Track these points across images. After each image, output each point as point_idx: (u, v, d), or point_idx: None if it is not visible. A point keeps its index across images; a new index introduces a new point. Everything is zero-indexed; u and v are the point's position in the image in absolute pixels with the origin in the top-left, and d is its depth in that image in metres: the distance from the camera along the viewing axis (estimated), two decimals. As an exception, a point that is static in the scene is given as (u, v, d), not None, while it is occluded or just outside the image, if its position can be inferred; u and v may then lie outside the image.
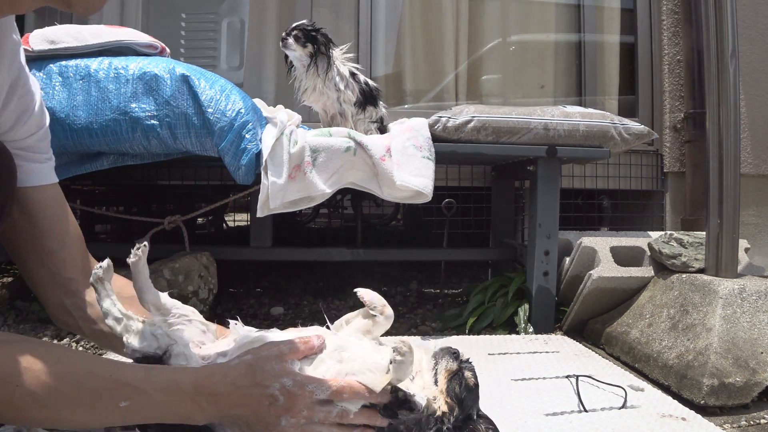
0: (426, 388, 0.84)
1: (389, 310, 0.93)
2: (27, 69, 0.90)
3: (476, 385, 0.84)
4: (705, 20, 1.53)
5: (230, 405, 0.74)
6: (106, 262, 0.84)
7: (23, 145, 0.90)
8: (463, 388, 0.82)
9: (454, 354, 0.87)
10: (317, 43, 1.61)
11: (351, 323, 0.94)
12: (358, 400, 0.77)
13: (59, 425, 0.72)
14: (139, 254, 0.84)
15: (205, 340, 0.89)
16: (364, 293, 0.92)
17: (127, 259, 0.84)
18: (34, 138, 0.91)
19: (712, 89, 1.50)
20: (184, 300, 1.59)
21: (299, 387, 0.75)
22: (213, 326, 0.92)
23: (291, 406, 0.74)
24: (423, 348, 0.90)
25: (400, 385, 0.81)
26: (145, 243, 0.85)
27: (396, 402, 0.79)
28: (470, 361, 0.88)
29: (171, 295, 0.94)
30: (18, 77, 0.87)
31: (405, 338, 0.79)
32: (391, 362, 0.77)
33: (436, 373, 0.86)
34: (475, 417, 0.83)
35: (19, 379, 0.65)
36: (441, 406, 0.81)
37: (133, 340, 0.84)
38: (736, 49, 1.48)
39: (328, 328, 0.92)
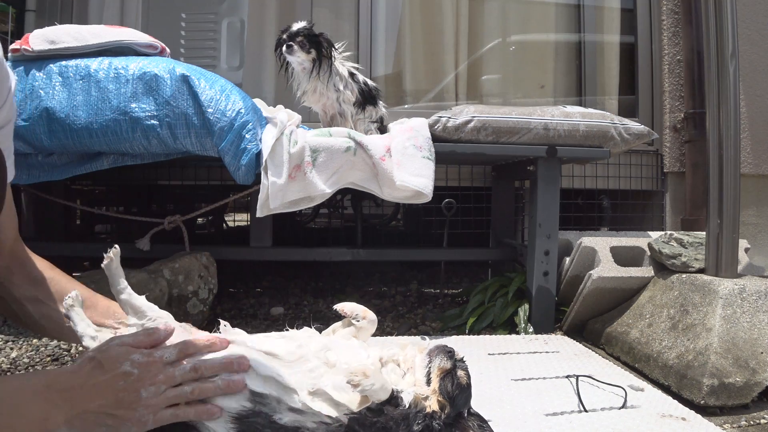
0: (417, 385, 0.84)
1: (371, 315, 0.95)
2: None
3: (468, 385, 0.84)
4: (705, 20, 1.53)
5: (87, 398, 0.73)
6: (74, 293, 0.86)
7: None
8: (455, 387, 0.82)
9: (449, 353, 0.87)
10: (321, 48, 1.62)
11: (337, 332, 0.95)
12: (208, 353, 0.80)
13: None
14: (111, 256, 0.85)
15: None
16: (343, 306, 0.95)
17: (102, 264, 0.86)
18: None
19: (712, 89, 1.50)
20: (184, 300, 1.59)
21: (148, 356, 0.77)
22: (192, 329, 0.91)
23: (145, 375, 0.75)
24: (418, 346, 0.90)
25: (391, 382, 0.81)
26: (116, 246, 0.86)
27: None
28: (464, 360, 0.88)
29: (171, 295, 0.94)
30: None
31: (364, 368, 0.78)
32: (354, 387, 0.76)
33: (429, 372, 0.86)
34: (465, 415, 0.83)
35: None
36: (432, 404, 0.81)
37: None
38: (736, 49, 1.48)
39: (319, 330, 0.93)
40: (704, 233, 1.56)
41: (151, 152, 1.50)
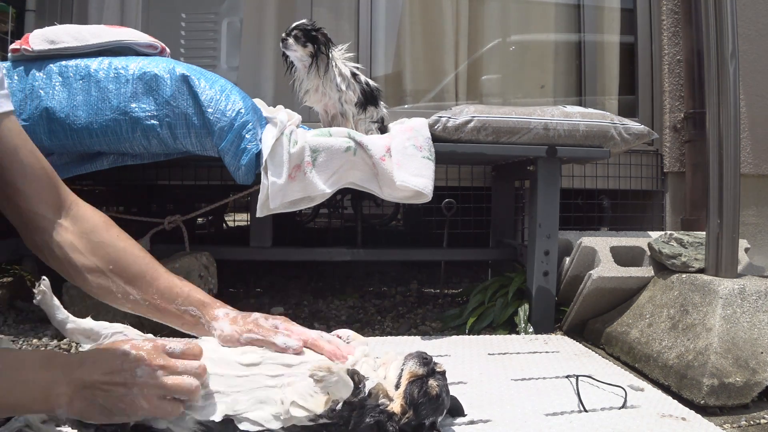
0: (386, 379, 0.84)
1: (362, 337, 0.99)
2: None
3: (437, 396, 0.82)
4: (705, 20, 1.53)
5: (85, 371, 0.73)
6: (43, 283, 0.85)
7: None
8: (422, 394, 0.81)
9: (425, 360, 0.86)
10: (317, 42, 1.61)
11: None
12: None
13: None
14: (43, 289, 0.84)
15: None
16: (337, 331, 1.01)
17: (34, 300, 0.85)
18: None
19: (712, 89, 1.50)
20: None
21: (151, 341, 0.79)
22: (153, 338, 0.92)
23: (143, 356, 0.76)
24: (401, 354, 0.91)
25: (363, 373, 0.82)
26: (44, 277, 0.86)
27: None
28: (442, 372, 0.87)
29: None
30: None
31: (329, 364, 0.78)
32: (317, 382, 0.76)
33: (401, 375, 0.85)
34: (426, 427, 0.82)
35: None
36: (395, 406, 0.80)
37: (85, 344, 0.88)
38: (736, 49, 1.48)
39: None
40: (704, 233, 1.56)
41: (151, 152, 1.50)
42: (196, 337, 0.95)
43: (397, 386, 0.84)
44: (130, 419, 0.75)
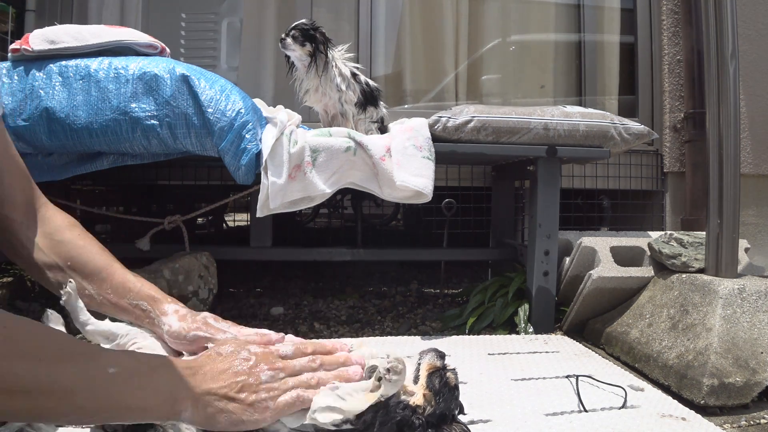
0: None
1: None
2: None
3: (456, 387, 0.83)
4: (705, 20, 1.53)
5: (208, 379, 0.73)
6: (69, 286, 0.87)
7: None
8: (442, 384, 0.82)
9: (441, 354, 0.87)
10: (316, 42, 1.61)
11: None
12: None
13: (36, 387, 0.61)
14: (69, 291, 0.86)
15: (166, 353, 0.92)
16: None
17: (61, 301, 0.86)
18: None
19: (712, 89, 1.50)
20: (184, 300, 1.59)
21: (264, 347, 0.80)
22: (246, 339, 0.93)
23: (263, 361, 0.77)
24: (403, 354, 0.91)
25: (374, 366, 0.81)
26: (71, 280, 0.88)
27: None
28: (453, 368, 0.88)
29: (171, 295, 0.94)
30: None
31: (399, 355, 0.77)
32: (380, 379, 0.75)
33: (418, 368, 0.85)
34: (449, 420, 0.82)
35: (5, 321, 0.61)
36: (417, 399, 0.80)
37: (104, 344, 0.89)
38: (736, 49, 1.48)
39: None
40: (704, 233, 1.56)
41: (151, 152, 1.50)
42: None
43: (414, 381, 0.84)
44: (257, 426, 0.74)
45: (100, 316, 0.93)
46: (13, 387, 0.58)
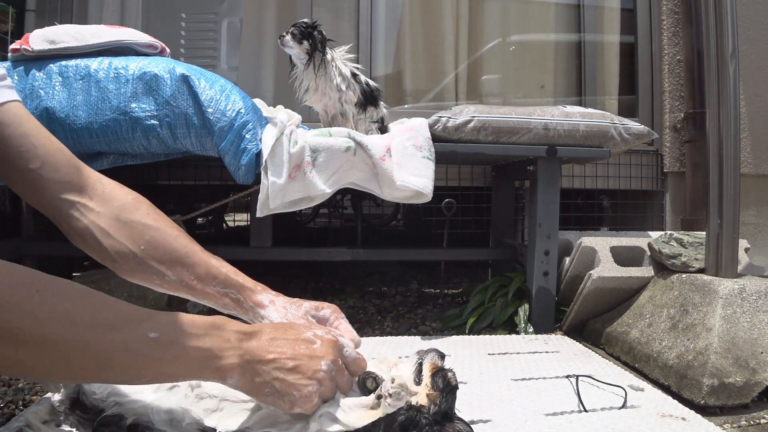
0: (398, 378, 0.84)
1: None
2: None
3: (457, 387, 0.83)
4: (705, 20, 1.53)
5: (263, 349, 0.69)
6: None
7: None
8: (446, 384, 0.82)
9: (441, 355, 0.87)
10: (313, 39, 1.61)
11: None
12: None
13: (70, 344, 0.58)
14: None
15: None
16: None
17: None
18: None
19: (712, 89, 1.50)
20: (184, 299, 1.59)
21: (328, 333, 0.75)
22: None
23: (327, 349, 0.72)
24: (397, 356, 0.90)
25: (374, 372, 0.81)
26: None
27: (365, 391, 0.78)
28: (452, 369, 0.88)
29: (171, 295, 0.93)
30: None
31: (403, 380, 0.75)
32: (380, 397, 0.73)
33: (419, 369, 0.85)
34: (452, 418, 0.82)
35: (41, 284, 0.57)
36: (421, 399, 0.80)
37: None
38: (736, 49, 1.48)
39: None
40: (704, 233, 1.56)
41: (151, 152, 1.50)
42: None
43: (414, 381, 0.84)
44: (293, 410, 0.70)
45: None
46: (45, 343, 0.56)
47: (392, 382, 0.74)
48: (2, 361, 0.55)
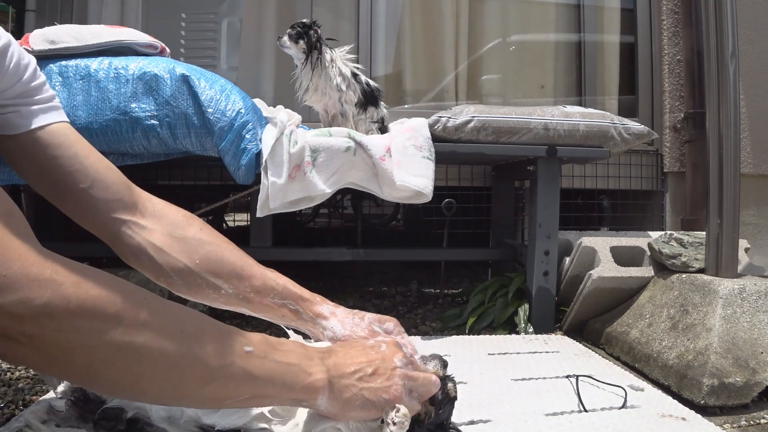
0: None
1: None
2: None
3: (455, 398, 0.83)
4: (705, 20, 1.53)
5: (342, 362, 0.69)
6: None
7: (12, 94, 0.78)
8: (444, 396, 0.81)
9: (444, 363, 0.87)
10: (309, 39, 1.62)
11: None
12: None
13: (166, 358, 0.56)
14: None
15: None
16: None
17: None
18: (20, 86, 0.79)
19: (712, 89, 1.50)
20: (184, 299, 1.59)
21: (388, 336, 0.83)
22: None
23: (393, 349, 0.75)
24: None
25: None
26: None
27: None
28: (454, 377, 0.88)
29: (171, 295, 0.93)
30: None
31: (407, 410, 0.74)
32: (383, 422, 0.73)
33: None
34: (447, 427, 0.82)
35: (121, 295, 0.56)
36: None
37: None
38: (736, 49, 1.48)
39: None
40: (704, 233, 1.56)
41: (151, 152, 1.50)
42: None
43: None
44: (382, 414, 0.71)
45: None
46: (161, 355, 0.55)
47: (397, 412, 0.73)
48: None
